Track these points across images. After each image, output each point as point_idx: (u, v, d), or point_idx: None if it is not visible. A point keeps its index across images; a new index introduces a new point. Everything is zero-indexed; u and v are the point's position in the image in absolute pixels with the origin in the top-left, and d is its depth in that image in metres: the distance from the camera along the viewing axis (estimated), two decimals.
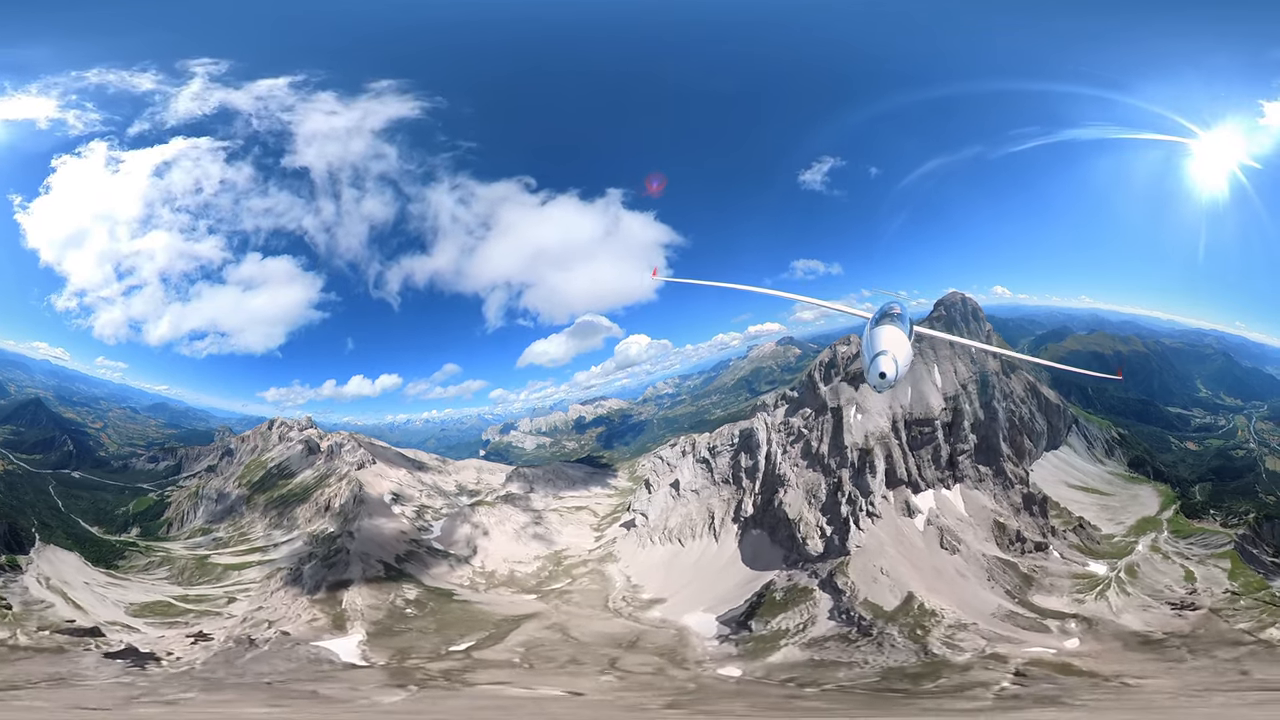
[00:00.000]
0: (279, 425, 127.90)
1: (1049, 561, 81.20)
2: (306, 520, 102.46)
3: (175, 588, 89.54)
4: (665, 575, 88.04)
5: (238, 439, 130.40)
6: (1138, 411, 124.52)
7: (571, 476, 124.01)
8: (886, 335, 23.37)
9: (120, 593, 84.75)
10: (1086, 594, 76.08)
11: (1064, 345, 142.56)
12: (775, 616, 72.85)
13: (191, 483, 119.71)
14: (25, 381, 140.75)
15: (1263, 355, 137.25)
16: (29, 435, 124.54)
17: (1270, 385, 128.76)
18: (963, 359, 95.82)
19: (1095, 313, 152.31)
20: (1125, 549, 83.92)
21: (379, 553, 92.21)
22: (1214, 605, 71.21)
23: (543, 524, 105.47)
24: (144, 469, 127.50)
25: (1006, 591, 76.12)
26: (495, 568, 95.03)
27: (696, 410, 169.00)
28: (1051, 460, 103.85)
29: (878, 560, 75.88)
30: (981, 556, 79.96)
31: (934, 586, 74.43)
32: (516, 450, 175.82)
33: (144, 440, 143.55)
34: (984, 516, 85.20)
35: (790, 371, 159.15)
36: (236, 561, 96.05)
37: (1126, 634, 68.54)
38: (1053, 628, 70.53)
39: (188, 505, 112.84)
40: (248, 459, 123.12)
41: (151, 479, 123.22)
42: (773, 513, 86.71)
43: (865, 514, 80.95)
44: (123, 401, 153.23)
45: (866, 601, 71.15)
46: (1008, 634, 68.57)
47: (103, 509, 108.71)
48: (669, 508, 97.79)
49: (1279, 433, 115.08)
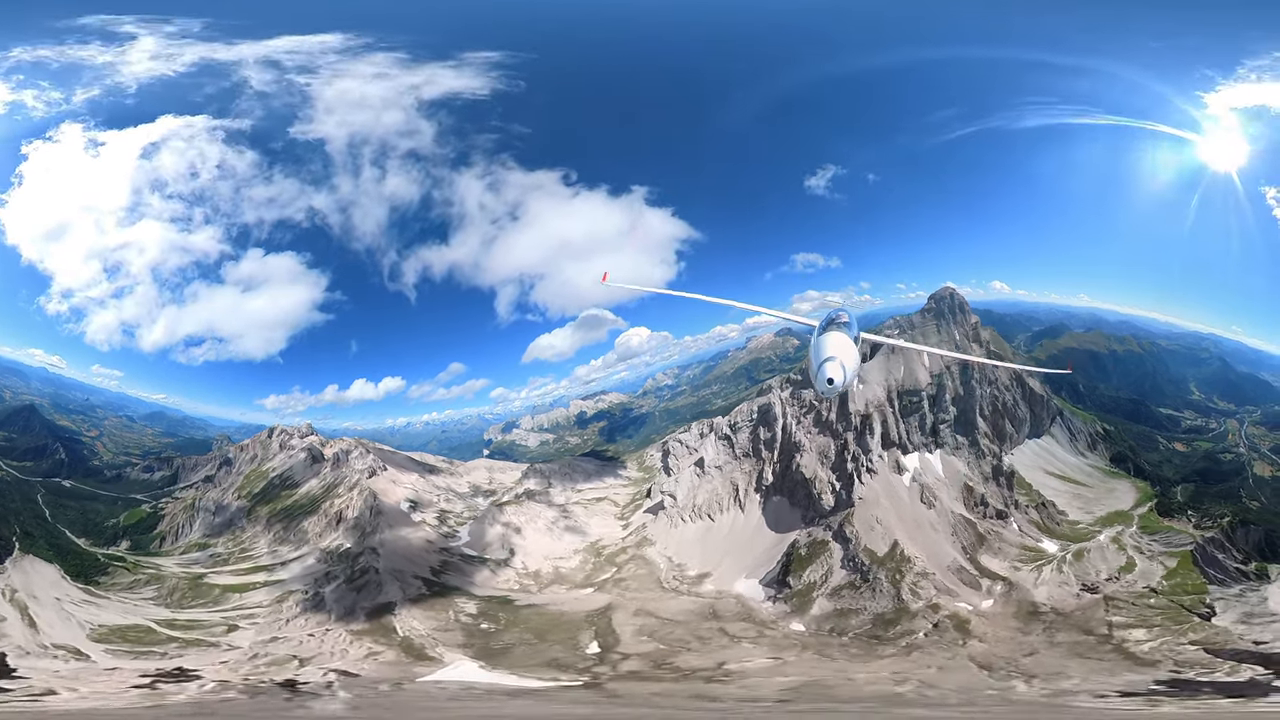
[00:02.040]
0: (279, 433, 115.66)
1: (1006, 530, 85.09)
2: (317, 534, 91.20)
3: (161, 610, 76.49)
4: (702, 550, 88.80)
5: (236, 448, 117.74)
6: (1128, 410, 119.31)
7: (586, 469, 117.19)
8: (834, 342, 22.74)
9: (93, 612, 72.09)
10: (1024, 565, 79.86)
11: (1059, 342, 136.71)
12: (804, 571, 78.14)
13: (187, 494, 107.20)
14: (21, 388, 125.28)
15: (1259, 361, 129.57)
16: (20, 442, 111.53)
17: (1265, 390, 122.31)
18: (947, 345, 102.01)
19: (1094, 312, 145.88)
20: (1085, 535, 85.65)
21: (410, 567, 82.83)
22: (1111, 594, 73.03)
23: (571, 517, 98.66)
24: (138, 479, 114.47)
25: (962, 547, 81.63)
26: (538, 567, 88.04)
27: (697, 401, 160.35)
28: (1032, 447, 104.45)
29: (874, 510, 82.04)
30: (950, 514, 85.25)
31: (913, 536, 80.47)
32: (520, 448, 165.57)
33: (140, 449, 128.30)
34: (956, 479, 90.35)
35: (789, 361, 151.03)
36: (237, 582, 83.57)
37: (1027, 603, 72.37)
38: (983, 586, 76.33)
39: (183, 518, 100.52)
40: (247, 469, 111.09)
41: (146, 489, 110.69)
42: (791, 477, 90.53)
43: (866, 470, 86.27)
44: (120, 409, 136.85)
45: (865, 548, 77.47)
46: (952, 587, 74.68)
47: (92, 520, 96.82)
48: (695, 486, 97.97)
49: (1270, 438, 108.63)
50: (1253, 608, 69.31)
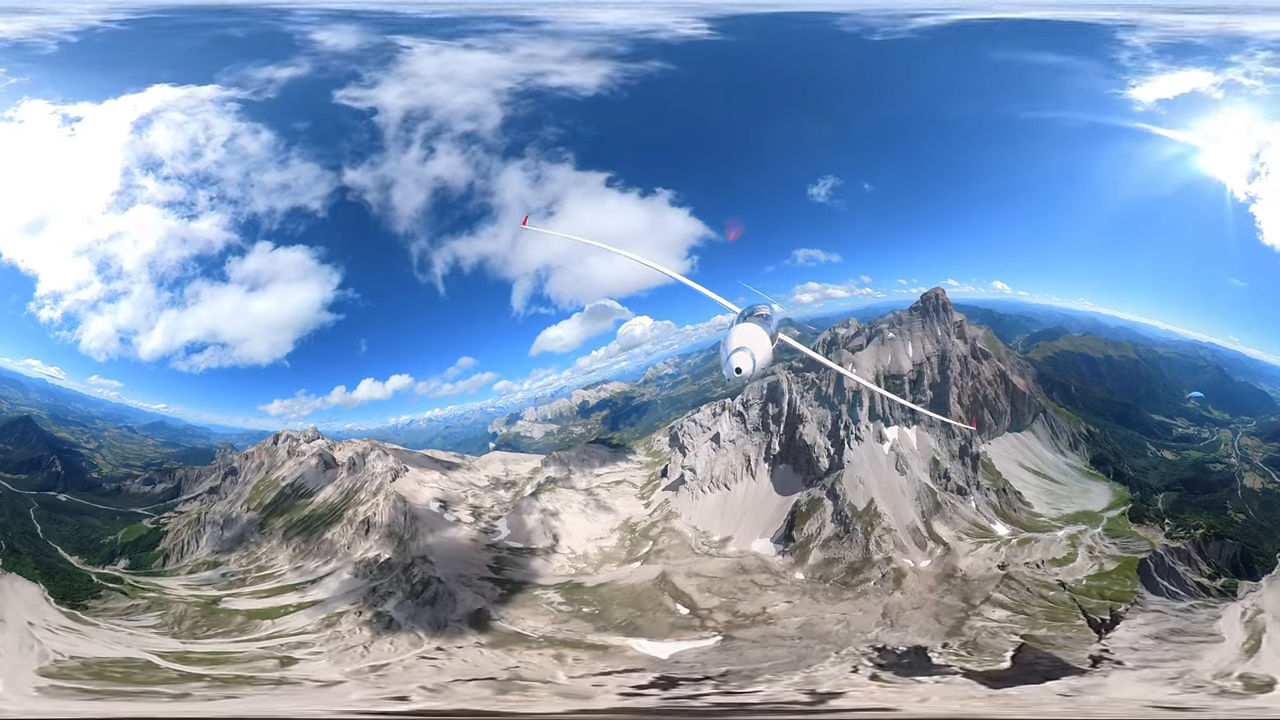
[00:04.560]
0: (285, 439, 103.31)
1: (962, 505, 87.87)
2: (346, 546, 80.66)
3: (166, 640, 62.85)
4: (722, 517, 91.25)
5: (240, 456, 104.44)
6: (1119, 415, 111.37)
7: (600, 455, 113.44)
8: (748, 333, 21.89)
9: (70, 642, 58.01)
10: (969, 538, 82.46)
11: (1056, 345, 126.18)
12: (804, 525, 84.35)
13: (192, 506, 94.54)
14: (19, 400, 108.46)
15: (1258, 371, 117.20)
16: (15, 454, 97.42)
17: (1262, 401, 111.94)
18: (929, 340, 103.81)
19: (1094, 316, 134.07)
20: (1043, 527, 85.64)
21: (469, 569, 77.65)
22: (1013, 574, 74.38)
23: (598, 499, 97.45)
24: (139, 492, 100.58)
25: (921, 511, 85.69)
26: (583, 549, 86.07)
27: (699, 389, 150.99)
28: (1010, 439, 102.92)
29: (859, 472, 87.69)
30: (917, 481, 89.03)
31: (885, 496, 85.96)
32: (525, 440, 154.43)
33: (141, 460, 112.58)
34: (927, 453, 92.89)
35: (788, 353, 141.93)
36: (264, 606, 71.02)
37: (951, 568, 76.62)
38: (928, 548, 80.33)
39: (188, 534, 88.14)
40: (254, 478, 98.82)
41: (147, 503, 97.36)
42: (795, 445, 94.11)
43: (855, 438, 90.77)
44: (120, 420, 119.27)
45: (849, 503, 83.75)
46: (906, 544, 79.63)
47: (87, 536, 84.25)
48: (712, 459, 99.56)
49: (1264, 449, 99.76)
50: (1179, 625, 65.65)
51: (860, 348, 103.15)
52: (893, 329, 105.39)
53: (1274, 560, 75.84)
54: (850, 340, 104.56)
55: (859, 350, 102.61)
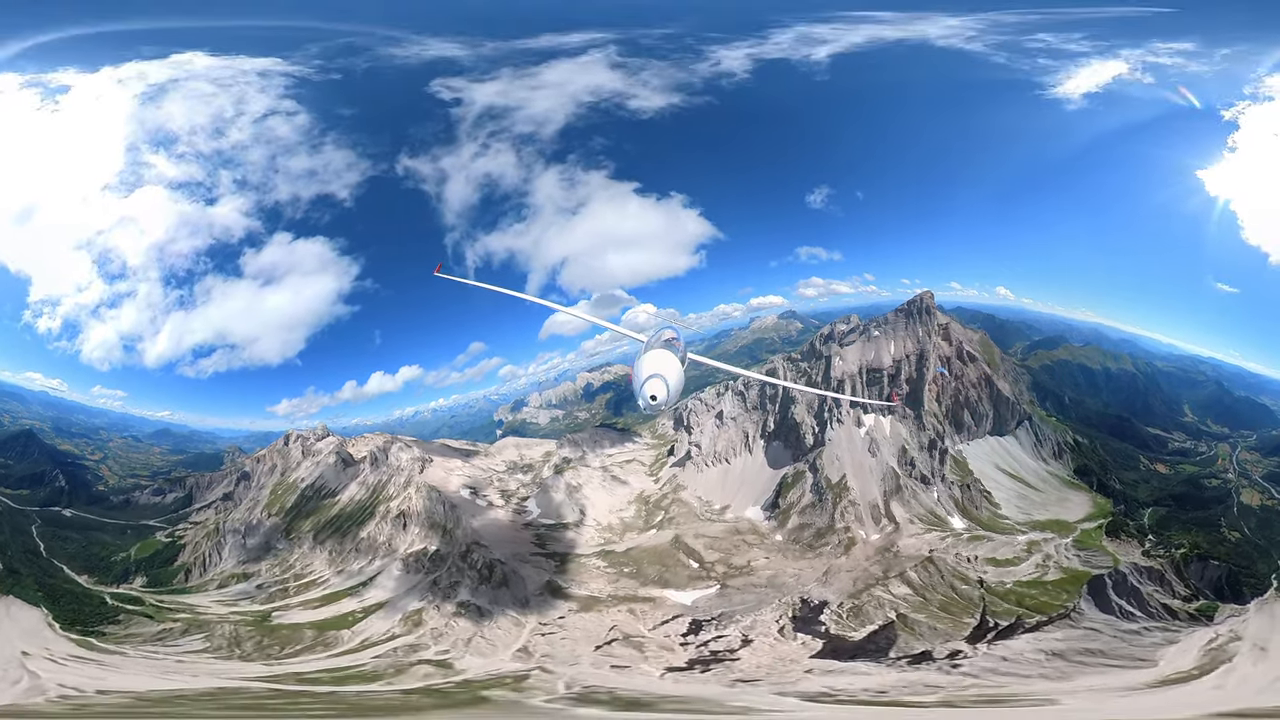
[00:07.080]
0: (296, 439, 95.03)
1: (923, 493, 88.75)
2: (386, 541, 74.89)
3: (242, 666, 51.62)
4: (722, 488, 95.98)
5: (251, 459, 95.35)
6: (1113, 427, 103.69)
7: (611, 437, 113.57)
8: (659, 360, 20.36)
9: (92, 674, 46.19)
10: (918, 521, 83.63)
11: (1055, 353, 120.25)
12: (788, 495, 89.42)
13: (207, 516, 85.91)
14: (21, 413, 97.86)
15: (1259, 385, 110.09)
16: (17, 469, 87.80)
17: (1263, 415, 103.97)
18: (910, 339, 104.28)
19: (1096, 327, 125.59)
20: (1006, 529, 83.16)
21: (519, 549, 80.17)
22: (936, 560, 73.82)
23: (614, 475, 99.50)
24: (149, 503, 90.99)
25: (883, 491, 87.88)
26: (607, 520, 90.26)
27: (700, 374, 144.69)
28: (990, 442, 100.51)
29: (837, 450, 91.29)
30: (885, 464, 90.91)
31: (855, 474, 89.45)
32: (532, 425, 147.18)
33: (148, 470, 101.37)
34: (897, 441, 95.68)
35: (791, 344, 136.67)
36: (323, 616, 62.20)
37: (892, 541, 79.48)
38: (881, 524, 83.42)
39: (208, 545, 79.60)
40: (270, 481, 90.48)
41: (159, 514, 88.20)
42: (786, 423, 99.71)
43: (836, 420, 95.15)
44: (124, 430, 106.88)
45: (825, 477, 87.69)
46: (864, 519, 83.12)
47: (96, 554, 75.03)
48: (716, 435, 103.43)
49: (1264, 464, 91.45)
50: (1106, 647, 57.76)
51: (851, 343, 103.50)
52: (878, 327, 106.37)
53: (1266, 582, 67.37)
54: (845, 336, 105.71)
55: (849, 345, 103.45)
